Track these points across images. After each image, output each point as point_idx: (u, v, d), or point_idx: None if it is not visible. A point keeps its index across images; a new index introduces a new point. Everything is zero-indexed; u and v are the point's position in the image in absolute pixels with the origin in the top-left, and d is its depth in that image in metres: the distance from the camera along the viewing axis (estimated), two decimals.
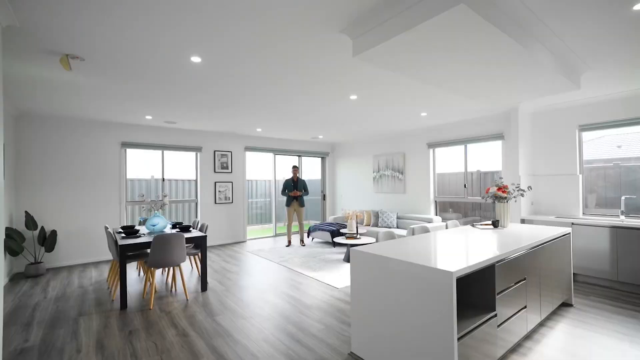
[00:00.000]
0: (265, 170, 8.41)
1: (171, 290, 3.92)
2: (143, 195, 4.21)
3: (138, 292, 3.86)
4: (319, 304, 3.42)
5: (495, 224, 3.27)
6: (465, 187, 5.87)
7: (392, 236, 2.96)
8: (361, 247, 2.37)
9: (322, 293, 3.74)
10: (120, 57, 2.78)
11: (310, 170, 9.00)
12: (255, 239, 7.53)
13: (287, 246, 6.53)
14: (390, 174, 7.16)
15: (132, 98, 4.08)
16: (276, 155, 7.91)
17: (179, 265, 3.62)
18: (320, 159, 8.92)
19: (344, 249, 6.12)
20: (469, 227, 3.41)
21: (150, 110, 4.78)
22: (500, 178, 3.89)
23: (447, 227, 3.58)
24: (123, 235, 3.81)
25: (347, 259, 5.16)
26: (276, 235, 7.90)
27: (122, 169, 5.74)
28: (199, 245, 3.86)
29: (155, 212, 4.21)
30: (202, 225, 4.50)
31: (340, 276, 4.36)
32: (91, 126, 5.43)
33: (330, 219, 7.40)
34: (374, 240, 5.23)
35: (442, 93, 3.98)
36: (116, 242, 3.56)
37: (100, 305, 3.43)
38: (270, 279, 4.36)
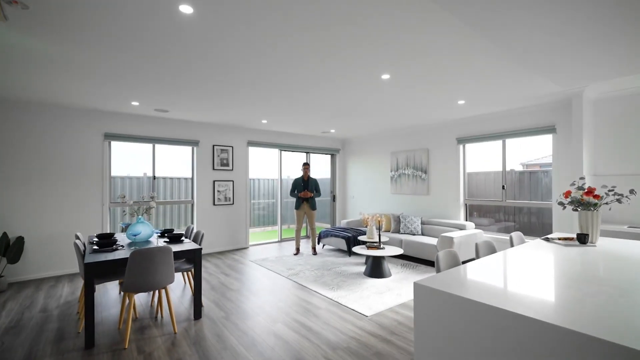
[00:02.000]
0: (269, 168, 7.61)
1: (156, 317, 3.11)
2: (124, 197, 3.41)
3: (114, 320, 3.05)
4: (347, 341, 2.61)
5: (582, 239, 2.47)
6: (503, 188, 5.06)
7: (455, 259, 2.16)
8: (430, 280, 1.57)
9: (348, 324, 2.94)
10: (80, 11, 1.97)
11: (319, 169, 8.19)
12: (258, 244, 6.72)
13: (295, 254, 5.73)
14: (411, 173, 6.35)
15: (111, 77, 3.27)
16: (282, 152, 7.09)
17: (165, 288, 2.81)
18: (330, 156, 8.11)
19: (362, 259, 5.31)
20: (540, 241, 2.60)
21: (135, 95, 3.97)
22: (581, 178, 3.07)
23: (512, 242, 2.77)
24: (95, 247, 3.00)
25: (370, 273, 4.35)
26: (281, 240, 7.09)
27: (106, 165, 4.93)
28: (193, 259, 3.08)
29: (139, 217, 3.41)
30: (197, 234, 3.69)
31: (366, 298, 3.55)
32: (66, 113, 4.61)
33: (343, 223, 6.59)
34: (399, 250, 4.42)
35: (492, 72, 3.16)
36: (84, 257, 2.75)
37: (60, 342, 2.62)
38: (280, 300, 3.55)
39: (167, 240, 3.43)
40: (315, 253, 5.75)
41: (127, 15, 2.12)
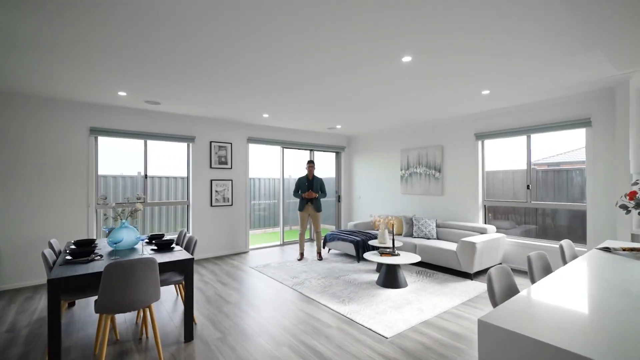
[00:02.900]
0: (270, 167, 7.16)
1: (140, 338, 2.67)
2: (105, 198, 2.97)
3: (91, 342, 2.61)
4: None
5: None
6: (528, 188, 4.60)
7: (509, 278, 1.70)
8: (498, 316, 1.13)
9: (365, 348, 2.49)
10: None
11: (324, 167, 7.74)
12: (258, 248, 6.28)
13: (299, 260, 5.28)
14: (424, 171, 5.90)
15: (91, 60, 2.82)
16: (285, 149, 6.65)
17: (149, 307, 2.37)
18: (334, 154, 7.66)
19: (373, 265, 4.86)
20: (598, 252, 2.16)
21: (122, 84, 3.52)
22: None
23: (562, 252, 2.32)
24: (68, 257, 2.55)
25: (383, 283, 3.90)
26: (283, 244, 6.65)
27: (92, 163, 4.48)
28: (184, 269, 2.64)
29: (122, 221, 2.96)
30: (190, 241, 3.25)
31: (382, 314, 3.10)
32: (46, 105, 4.17)
33: (350, 225, 6.14)
34: (416, 257, 3.98)
35: (525, 56, 2.71)
36: (52, 269, 2.31)
37: None
38: (284, 316, 3.11)
39: (155, 248, 2.99)
40: (320, 258, 5.31)
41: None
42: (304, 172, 5.75)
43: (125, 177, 5.09)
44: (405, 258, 3.92)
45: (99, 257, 2.60)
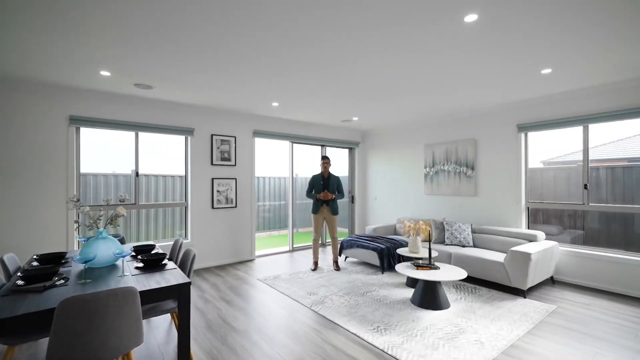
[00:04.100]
0: (277, 165, 6.49)
1: None
2: (78, 201, 2.30)
3: None
4: None
5: None
6: (586, 188, 3.92)
7: None
8: None
9: None
10: None
11: (335, 165, 7.06)
12: (265, 255, 5.60)
13: (313, 270, 4.60)
14: (453, 169, 5.21)
15: (64, 29, 2.15)
16: (294, 144, 5.97)
17: (129, 354, 1.69)
18: (347, 150, 6.98)
19: (401, 277, 4.17)
20: None
21: (105, 59, 2.85)
22: None
23: None
24: (20, 283, 1.87)
25: (421, 302, 3.22)
26: (292, 250, 5.97)
27: (72, 158, 3.81)
28: (179, 294, 1.96)
29: (99, 230, 2.29)
30: (187, 255, 2.56)
31: (434, 348, 2.41)
32: (16, 89, 3.49)
33: (368, 230, 5.46)
34: (461, 272, 3.30)
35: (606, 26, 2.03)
36: None
37: None
38: (306, 350, 2.43)
39: (142, 264, 2.32)
40: (338, 268, 4.63)
41: None
42: (316, 170, 5.07)
43: (118, 176, 4.41)
44: (448, 273, 3.24)
45: (61, 282, 1.93)
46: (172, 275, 2.11)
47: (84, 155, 4.00)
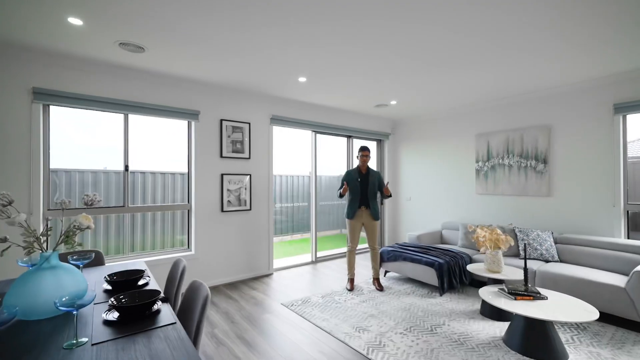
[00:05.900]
0: (295, 161, 5.53)
1: None
2: (9, 203, 1.36)
3: None
4: None
5: None
6: None
7: None
8: None
9: None
10: None
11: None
12: (285, 268, 4.63)
13: (349, 290, 3.64)
14: (516, 163, 4.24)
15: None
16: (317, 134, 5.00)
17: None
18: (375, 142, 6.00)
19: (471, 301, 3.18)
20: None
21: None
22: None
23: None
24: None
25: (524, 349, 2.25)
26: (316, 260, 5.00)
27: (37, 146, 2.86)
28: None
29: (42, 253, 1.33)
30: (196, 291, 1.58)
31: None
32: None
33: (410, 237, 4.49)
34: (588, 310, 2.32)
35: None
36: None
37: None
38: None
39: (117, 315, 1.35)
40: (380, 288, 3.66)
41: None
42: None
43: (108, 173, 3.46)
44: (565, 307, 2.26)
45: None
46: (167, 343, 1.15)
47: (55, 144, 3.04)
